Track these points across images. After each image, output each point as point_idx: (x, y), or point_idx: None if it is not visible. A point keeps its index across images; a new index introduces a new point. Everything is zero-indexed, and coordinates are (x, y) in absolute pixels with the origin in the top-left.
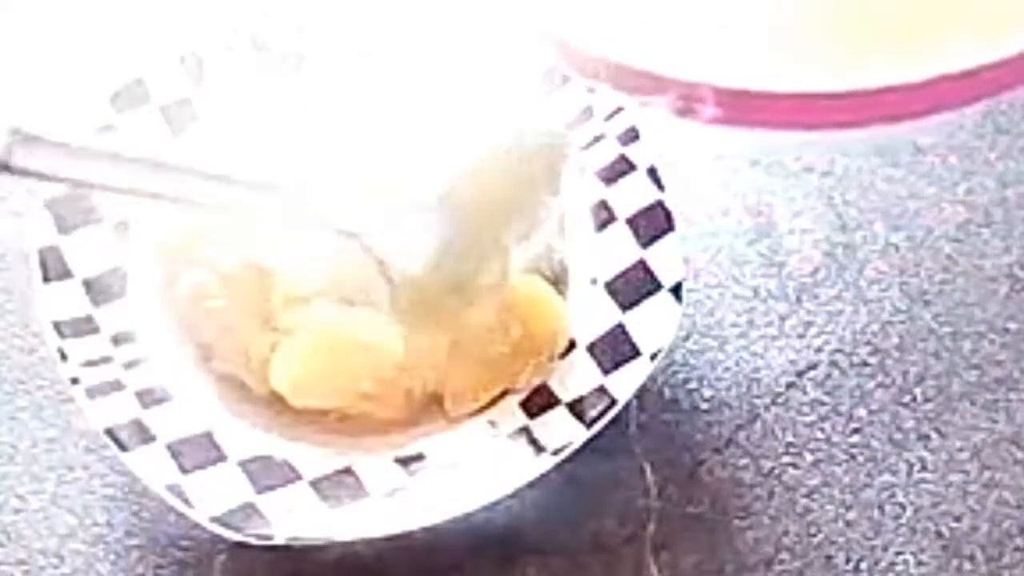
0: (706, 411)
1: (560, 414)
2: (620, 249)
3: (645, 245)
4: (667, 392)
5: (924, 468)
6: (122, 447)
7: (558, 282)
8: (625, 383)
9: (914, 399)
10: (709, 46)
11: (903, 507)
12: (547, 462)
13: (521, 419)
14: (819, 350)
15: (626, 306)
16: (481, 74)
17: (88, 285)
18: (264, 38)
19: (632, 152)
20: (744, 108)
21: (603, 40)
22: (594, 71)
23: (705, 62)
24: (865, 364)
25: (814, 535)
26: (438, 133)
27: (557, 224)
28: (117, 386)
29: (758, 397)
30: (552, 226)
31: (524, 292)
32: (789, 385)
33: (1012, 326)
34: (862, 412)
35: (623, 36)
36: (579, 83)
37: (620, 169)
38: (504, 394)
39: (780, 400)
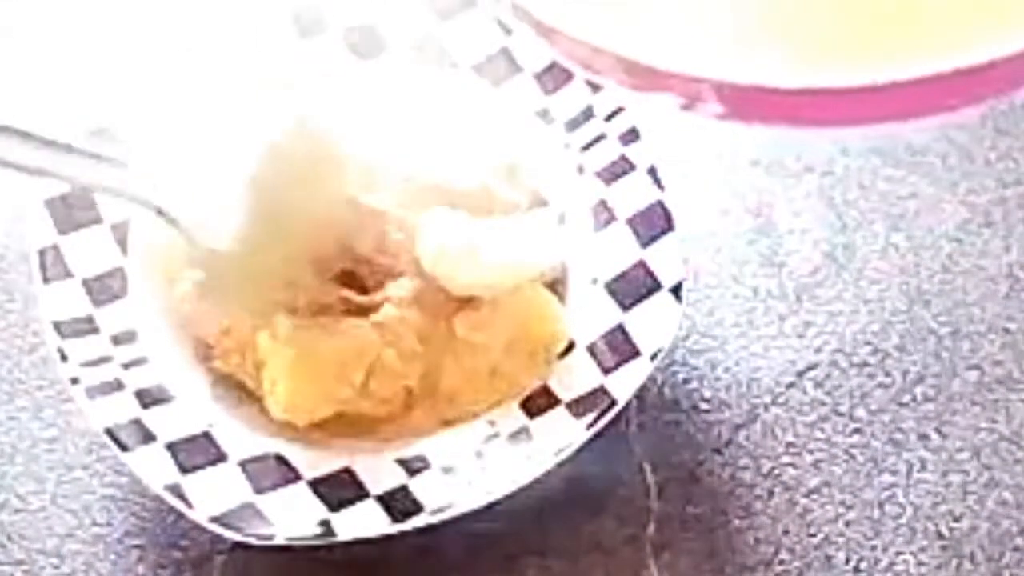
0: (706, 411)
1: (560, 414)
2: (620, 249)
3: (645, 245)
4: (667, 392)
5: (924, 468)
6: (122, 447)
7: (557, 282)
8: (625, 383)
9: (914, 399)
10: (711, 41)
11: (903, 507)
12: (547, 462)
13: (521, 419)
14: (819, 350)
15: (626, 306)
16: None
17: (88, 285)
18: None
19: (632, 152)
20: (748, 104)
21: (604, 35)
22: (595, 66)
23: (708, 57)
24: (865, 364)
25: (814, 535)
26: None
27: (557, 223)
28: (117, 386)
29: (758, 397)
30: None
31: (522, 296)
32: (789, 385)
33: (1012, 326)
34: (862, 412)
35: (624, 31)
36: (580, 82)
37: (620, 169)
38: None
39: (780, 400)
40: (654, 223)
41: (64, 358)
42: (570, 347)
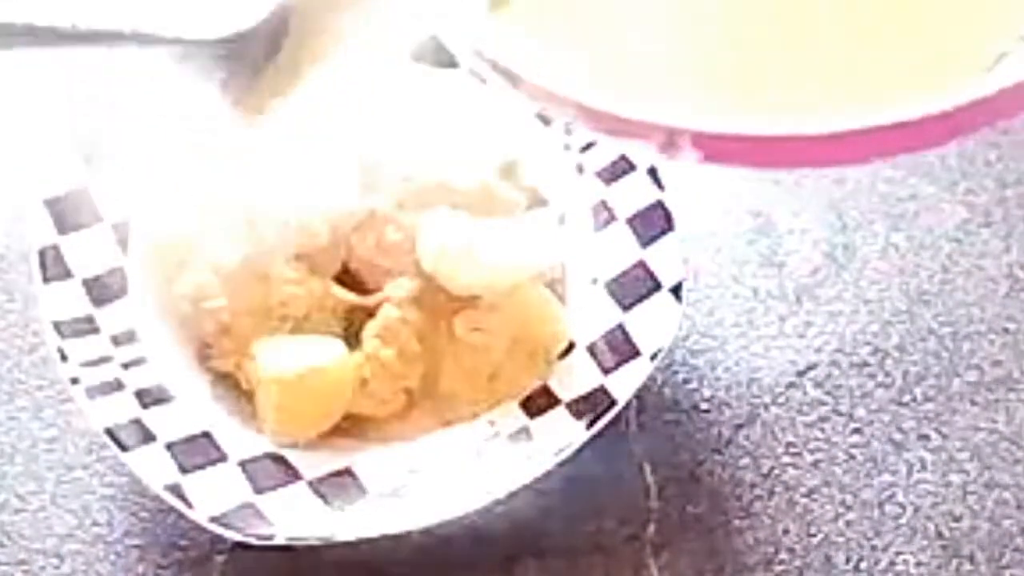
0: (706, 411)
1: (560, 414)
2: (620, 249)
3: (645, 245)
4: (667, 392)
5: (924, 468)
6: (122, 447)
7: (557, 282)
8: (625, 383)
9: (914, 399)
10: (685, 91)
11: (903, 507)
12: (547, 462)
13: (521, 419)
14: (819, 350)
15: (626, 306)
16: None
17: (88, 285)
18: None
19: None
20: (725, 151)
21: (580, 85)
22: (572, 115)
23: (682, 107)
24: (865, 364)
25: (814, 535)
26: None
27: (557, 223)
28: (117, 386)
29: (758, 397)
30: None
31: (522, 296)
32: (789, 385)
33: (1012, 326)
34: (862, 412)
35: (599, 81)
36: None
37: (620, 169)
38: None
39: (780, 400)
40: (654, 223)
41: (64, 358)
42: (570, 347)
